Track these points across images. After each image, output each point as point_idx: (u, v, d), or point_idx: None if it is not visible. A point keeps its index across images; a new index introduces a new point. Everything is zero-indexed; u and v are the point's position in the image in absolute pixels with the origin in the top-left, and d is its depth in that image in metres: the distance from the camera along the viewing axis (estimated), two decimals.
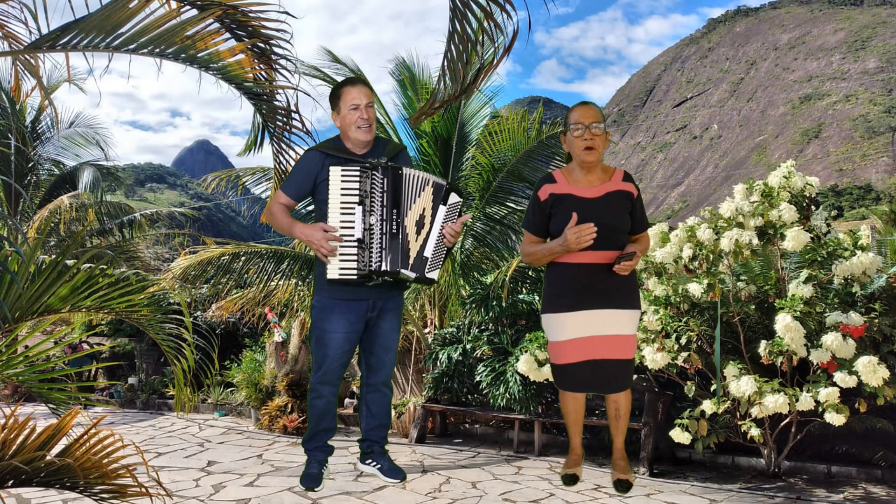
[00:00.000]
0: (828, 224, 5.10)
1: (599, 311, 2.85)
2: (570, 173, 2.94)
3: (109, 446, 2.45)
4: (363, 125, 2.91)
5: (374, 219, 2.78)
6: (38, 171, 11.80)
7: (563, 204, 2.87)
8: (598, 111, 2.93)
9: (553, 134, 7.68)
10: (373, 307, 2.95)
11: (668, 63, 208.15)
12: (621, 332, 2.88)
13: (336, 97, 2.98)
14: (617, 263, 2.76)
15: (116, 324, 9.69)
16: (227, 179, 7.90)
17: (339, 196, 2.79)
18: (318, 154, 2.96)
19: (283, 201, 2.98)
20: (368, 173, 2.79)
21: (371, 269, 2.76)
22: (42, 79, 3.20)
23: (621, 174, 2.96)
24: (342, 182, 2.80)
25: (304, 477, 3.06)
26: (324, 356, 2.96)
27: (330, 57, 7.65)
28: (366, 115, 2.92)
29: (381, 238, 2.78)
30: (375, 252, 2.77)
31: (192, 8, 2.95)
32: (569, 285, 2.87)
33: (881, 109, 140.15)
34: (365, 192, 2.79)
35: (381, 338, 3.00)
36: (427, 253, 2.87)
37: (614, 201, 2.88)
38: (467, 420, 7.40)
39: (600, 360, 2.87)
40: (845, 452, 5.62)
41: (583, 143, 2.85)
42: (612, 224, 2.84)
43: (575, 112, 2.92)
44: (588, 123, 2.85)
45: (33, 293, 2.69)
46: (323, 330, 2.94)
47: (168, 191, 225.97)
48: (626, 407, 3.03)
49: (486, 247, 8.00)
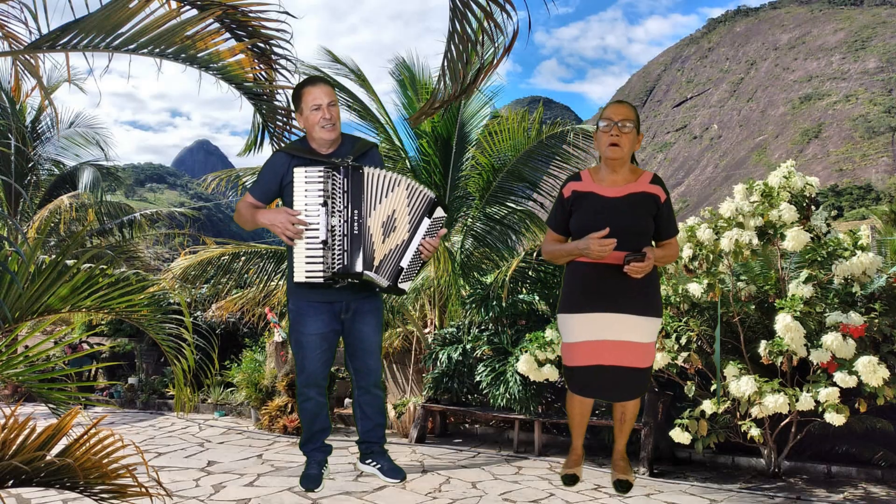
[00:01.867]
0: (828, 224, 5.10)
1: (612, 314, 2.78)
2: (597, 172, 2.90)
3: (109, 446, 2.45)
4: (326, 125, 2.87)
5: (337, 220, 2.75)
6: (38, 171, 11.80)
7: (584, 202, 2.84)
8: (632, 111, 2.86)
9: (553, 134, 7.68)
10: (346, 308, 2.92)
11: (668, 63, 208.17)
12: (634, 339, 2.79)
13: (297, 98, 2.94)
14: (626, 264, 2.68)
15: (116, 324, 9.69)
16: (227, 179, 7.89)
17: (303, 197, 2.77)
18: (284, 156, 2.94)
19: (249, 201, 2.96)
20: (330, 173, 2.76)
21: (334, 271, 2.74)
22: (42, 79, 3.20)
23: (650, 176, 2.88)
24: (306, 183, 2.77)
25: (304, 478, 3.05)
26: (304, 359, 2.94)
27: (330, 57, 7.66)
28: (328, 114, 2.87)
29: (342, 239, 2.75)
30: (338, 253, 2.75)
31: (192, 8, 2.95)
32: (582, 286, 2.83)
33: (881, 109, 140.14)
34: (328, 192, 2.76)
35: (362, 342, 2.96)
36: (404, 263, 2.84)
37: (637, 203, 2.81)
38: (467, 420, 7.40)
39: (609, 365, 2.79)
40: (845, 452, 5.61)
41: (608, 139, 2.81)
42: (631, 226, 2.77)
43: (607, 108, 2.87)
44: (617, 120, 2.80)
45: (33, 293, 2.69)
46: (300, 332, 2.92)
47: (168, 191, 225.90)
48: (632, 412, 2.99)
49: (486, 247, 8.00)
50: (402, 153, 7.93)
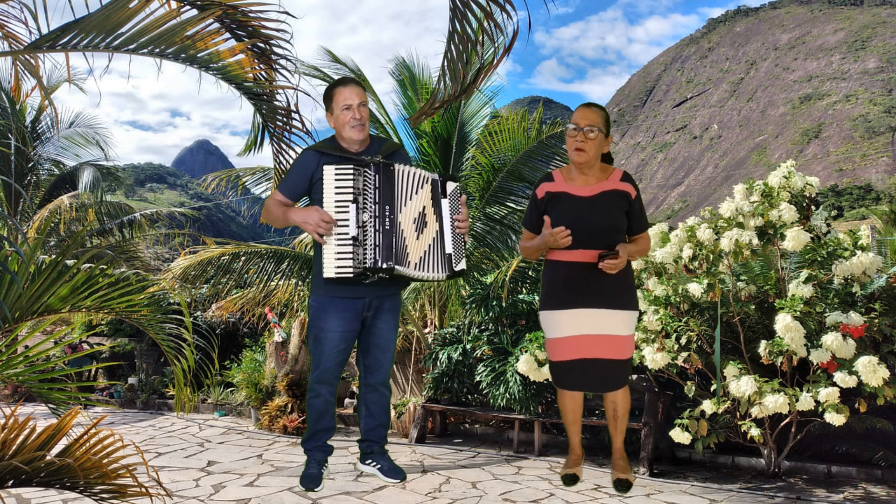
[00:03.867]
0: (828, 224, 5.10)
1: (592, 310, 2.88)
2: (569, 172, 3.01)
3: (109, 446, 2.45)
4: (356, 124, 2.94)
5: (367, 216, 2.79)
6: (38, 171, 11.80)
7: (557, 202, 2.94)
8: (598, 114, 2.94)
9: (553, 134, 7.68)
10: (369, 306, 2.95)
11: (668, 63, 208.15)
12: (615, 333, 2.89)
13: (329, 98, 3.00)
14: (600, 261, 2.79)
15: (116, 324, 9.70)
16: (227, 179, 7.90)
17: (333, 194, 2.81)
18: (313, 153, 2.98)
19: (278, 199, 3.00)
20: (361, 171, 2.80)
21: (366, 266, 2.77)
22: (42, 79, 3.20)
23: (620, 174, 2.99)
24: (336, 180, 2.81)
25: (304, 477, 3.06)
26: (321, 354, 2.97)
27: (330, 57, 7.66)
28: (358, 114, 2.94)
29: (374, 235, 2.78)
30: (370, 249, 2.78)
31: (192, 8, 2.95)
32: (562, 283, 2.92)
33: (881, 109, 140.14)
34: (358, 189, 2.79)
35: (377, 338, 3.00)
36: (448, 249, 2.89)
37: (609, 200, 2.92)
38: (467, 420, 7.40)
39: (593, 359, 2.89)
40: (845, 452, 5.62)
41: (574, 144, 2.92)
42: (605, 223, 2.89)
43: (576, 112, 2.98)
44: (584, 126, 2.91)
45: (33, 293, 2.69)
46: (320, 328, 2.95)
47: (168, 191, 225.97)
48: (624, 407, 3.05)
49: (486, 247, 8.00)
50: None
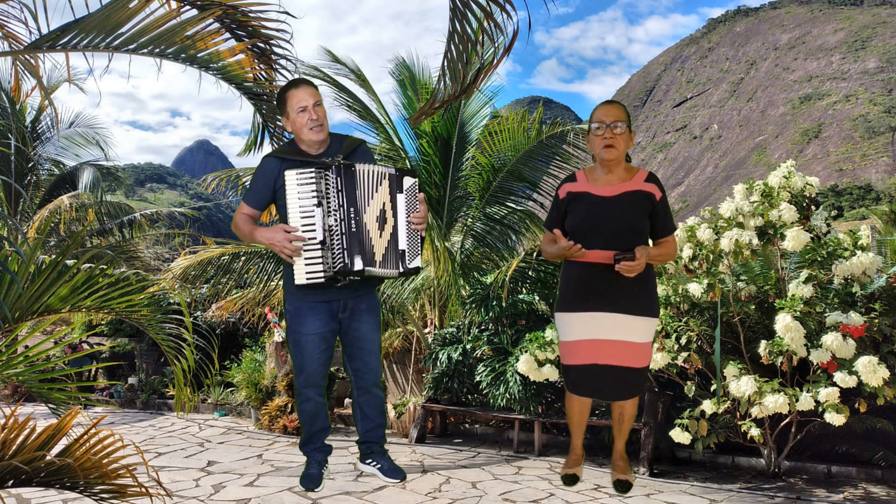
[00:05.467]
0: (828, 224, 5.10)
1: (607, 314, 2.79)
2: (592, 172, 2.94)
3: (109, 446, 2.45)
4: (314, 125, 2.85)
5: (333, 219, 2.75)
6: (38, 171, 11.80)
7: (578, 202, 2.87)
8: (622, 110, 2.88)
9: (553, 134, 7.69)
10: (343, 307, 2.91)
11: (668, 63, 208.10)
12: (630, 339, 2.80)
13: (282, 101, 2.91)
14: (616, 263, 2.70)
15: (116, 324, 9.69)
16: (227, 179, 7.89)
17: (297, 199, 2.76)
18: (274, 160, 2.92)
19: (246, 212, 2.95)
20: (322, 174, 2.75)
21: (335, 270, 2.74)
22: (42, 79, 3.20)
23: (644, 174, 2.90)
24: (298, 185, 2.76)
25: (304, 478, 3.05)
26: (302, 359, 2.93)
27: (330, 57, 7.66)
28: (315, 115, 2.85)
29: (341, 238, 2.75)
30: (337, 252, 2.75)
31: (192, 8, 2.95)
32: (577, 285, 2.85)
33: (881, 109, 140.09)
34: (322, 192, 2.75)
35: (361, 341, 2.96)
36: (402, 246, 2.85)
37: (631, 201, 2.83)
38: (467, 420, 7.40)
39: (605, 365, 2.81)
40: (845, 452, 5.61)
41: (602, 142, 2.83)
42: (625, 224, 2.79)
43: (598, 111, 2.90)
44: (609, 122, 2.83)
45: (33, 293, 2.68)
46: (298, 333, 2.92)
47: (168, 191, 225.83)
48: (630, 412, 2.99)
49: (486, 247, 8.00)
50: (402, 153, 7.93)
